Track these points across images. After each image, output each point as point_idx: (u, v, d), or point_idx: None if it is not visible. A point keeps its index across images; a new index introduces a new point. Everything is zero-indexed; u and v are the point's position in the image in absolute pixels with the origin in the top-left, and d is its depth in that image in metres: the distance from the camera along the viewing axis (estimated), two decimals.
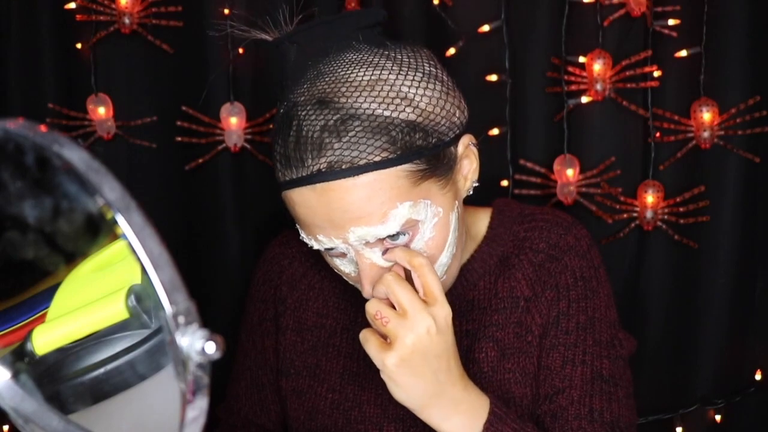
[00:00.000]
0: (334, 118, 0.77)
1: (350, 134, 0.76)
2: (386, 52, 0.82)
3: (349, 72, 0.79)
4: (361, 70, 0.79)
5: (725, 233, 1.54)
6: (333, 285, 1.03)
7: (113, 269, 0.50)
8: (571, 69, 1.50)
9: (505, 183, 1.55)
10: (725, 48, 1.48)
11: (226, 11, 1.52)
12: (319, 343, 1.01)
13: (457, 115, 0.83)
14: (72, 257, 0.49)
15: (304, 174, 0.77)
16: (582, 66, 1.51)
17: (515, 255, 0.96)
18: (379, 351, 0.78)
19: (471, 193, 0.88)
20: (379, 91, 0.78)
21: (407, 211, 0.78)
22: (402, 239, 0.81)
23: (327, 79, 0.79)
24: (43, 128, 0.41)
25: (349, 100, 0.77)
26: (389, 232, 0.78)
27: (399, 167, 0.77)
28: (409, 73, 0.80)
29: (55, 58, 1.56)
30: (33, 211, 0.46)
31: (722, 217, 1.53)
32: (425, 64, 0.82)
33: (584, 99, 1.51)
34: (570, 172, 1.52)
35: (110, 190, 0.40)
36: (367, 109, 0.77)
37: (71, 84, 1.58)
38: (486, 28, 1.51)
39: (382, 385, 0.80)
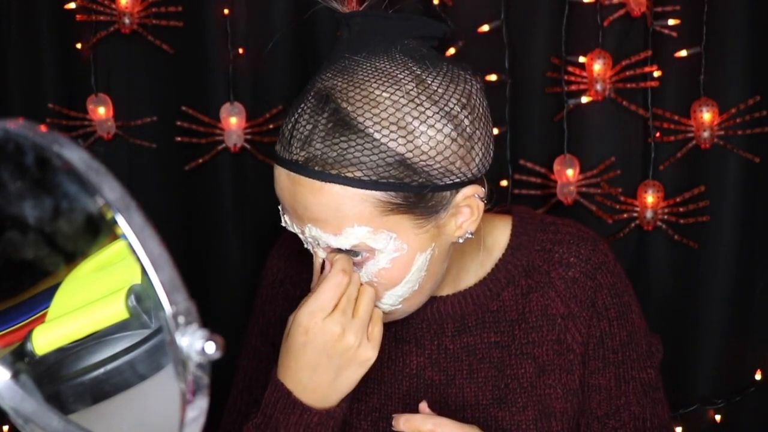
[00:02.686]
0: (330, 119, 0.76)
1: (334, 140, 0.75)
2: (418, 72, 0.78)
3: (367, 79, 0.77)
4: (378, 82, 0.77)
5: (725, 233, 1.54)
6: None
7: (113, 269, 0.50)
8: (571, 69, 1.50)
9: (504, 183, 1.55)
10: (725, 48, 1.48)
11: (226, 11, 1.52)
12: None
13: (458, 164, 0.78)
14: (72, 257, 0.49)
15: (285, 157, 0.79)
16: (582, 66, 1.51)
17: (545, 271, 0.95)
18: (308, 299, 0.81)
19: (461, 242, 0.85)
20: (382, 111, 0.75)
21: (363, 235, 0.77)
22: (359, 255, 0.80)
23: (346, 77, 0.78)
24: (43, 128, 0.41)
25: (350, 107, 0.76)
26: (340, 245, 0.79)
27: (367, 191, 0.76)
28: (424, 104, 0.76)
29: (55, 58, 1.56)
30: (33, 211, 0.46)
31: (722, 217, 1.53)
32: (451, 101, 0.78)
33: (584, 99, 1.51)
34: (570, 172, 1.52)
35: (110, 190, 0.40)
36: (361, 123, 0.75)
37: (71, 84, 1.58)
38: (486, 28, 1.51)
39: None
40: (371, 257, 0.80)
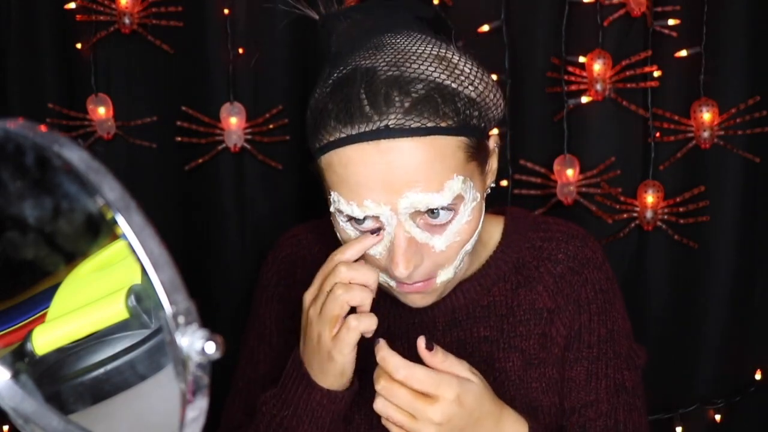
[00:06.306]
0: (406, 78, 0.77)
1: (420, 97, 0.76)
2: (442, 42, 0.84)
3: (415, 46, 0.81)
4: (427, 46, 0.81)
5: (725, 233, 1.54)
6: None
7: (113, 269, 0.50)
8: (571, 69, 1.50)
9: (504, 183, 1.55)
10: (725, 48, 1.48)
11: (226, 11, 1.52)
12: None
13: (501, 107, 0.85)
14: (72, 257, 0.49)
15: (369, 129, 0.75)
16: (582, 66, 1.51)
17: (534, 266, 0.96)
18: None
19: (489, 192, 0.88)
20: (447, 65, 0.80)
21: (460, 186, 0.78)
22: (441, 217, 0.79)
23: (393, 49, 0.80)
24: (43, 128, 0.41)
25: (420, 68, 0.78)
26: (442, 202, 0.77)
27: (459, 138, 0.78)
28: (468, 59, 0.83)
29: (55, 58, 1.56)
30: (33, 211, 0.46)
31: (722, 217, 1.53)
32: (476, 60, 0.86)
33: (584, 99, 1.51)
34: (570, 172, 1.52)
35: (110, 190, 0.40)
36: (437, 77, 0.78)
37: (71, 84, 1.58)
38: (486, 28, 1.51)
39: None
40: (458, 212, 0.81)
